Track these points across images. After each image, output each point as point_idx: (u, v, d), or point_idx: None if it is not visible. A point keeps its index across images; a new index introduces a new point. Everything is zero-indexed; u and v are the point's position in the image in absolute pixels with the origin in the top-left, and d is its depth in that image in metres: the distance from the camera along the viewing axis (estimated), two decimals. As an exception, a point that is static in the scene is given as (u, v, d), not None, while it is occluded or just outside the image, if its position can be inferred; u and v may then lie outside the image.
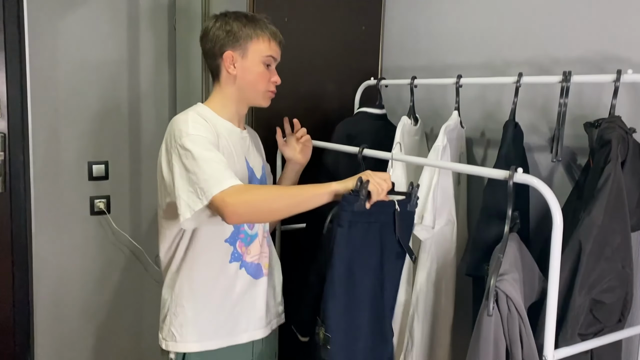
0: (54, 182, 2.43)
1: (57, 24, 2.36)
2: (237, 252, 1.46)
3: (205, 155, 1.30)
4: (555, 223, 1.05)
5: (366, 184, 1.26)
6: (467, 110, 1.85)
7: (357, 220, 1.29)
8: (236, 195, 1.26)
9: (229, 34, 1.44)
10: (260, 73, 1.47)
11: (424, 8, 2.05)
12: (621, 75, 1.29)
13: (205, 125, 1.39)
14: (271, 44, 1.47)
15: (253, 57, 1.45)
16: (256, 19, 1.48)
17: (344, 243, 1.29)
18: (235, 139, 1.49)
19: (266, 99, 1.52)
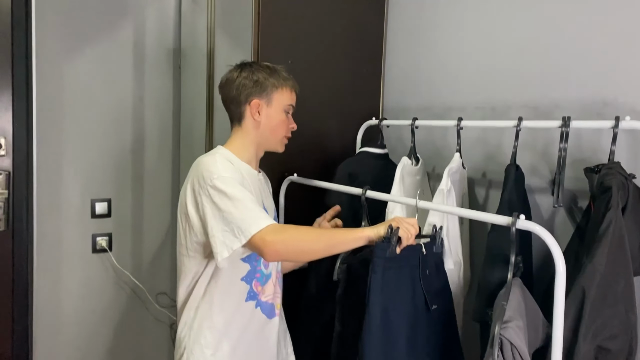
0: (57, 219, 2.43)
1: (64, 65, 2.41)
2: (253, 291, 1.50)
3: (239, 196, 1.37)
4: (558, 270, 1.06)
5: (396, 231, 1.33)
6: (468, 152, 1.87)
7: (389, 266, 1.35)
8: (276, 234, 1.33)
9: (256, 84, 1.54)
10: (282, 120, 1.58)
11: (424, 51, 2.10)
12: (619, 121, 1.31)
13: (232, 167, 1.46)
14: (292, 93, 1.60)
15: (277, 106, 1.56)
16: (277, 70, 1.59)
17: (379, 289, 1.33)
18: (255, 181, 1.55)
19: (282, 145, 1.63)
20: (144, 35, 2.57)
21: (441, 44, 2.03)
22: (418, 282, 1.40)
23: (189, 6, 2.53)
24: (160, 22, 2.59)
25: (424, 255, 1.41)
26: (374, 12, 2.22)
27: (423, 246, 1.42)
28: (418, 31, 2.12)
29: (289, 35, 2.02)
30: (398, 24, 2.22)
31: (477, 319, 1.41)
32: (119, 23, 2.50)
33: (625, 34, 1.46)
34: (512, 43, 1.77)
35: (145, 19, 2.56)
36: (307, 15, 2.06)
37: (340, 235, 1.41)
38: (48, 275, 2.42)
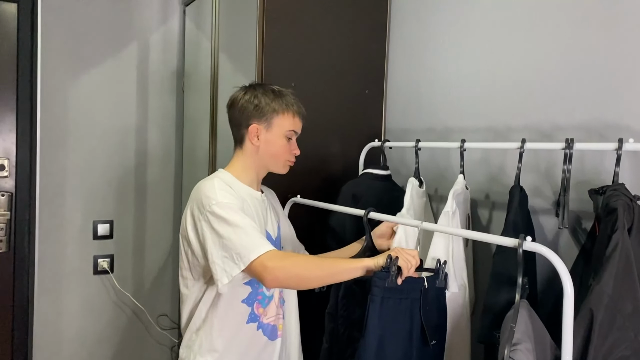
0: (59, 241, 2.43)
1: (69, 87, 2.43)
2: (254, 313, 1.49)
3: (238, 222, 1.37)
4: (566, 292, 1.06)
5: (396, 260, 1.33)
6: (471, 173, 1.88)
7: (389, 296, 1.35)
8: (276, 260, 1.34)
9: (256, 108, 1.52)
10: (282, 146, 1.55)
11: (425, 73, 2.12)
12: (623, 143, 1.32)
13: (231, 191, 1.46)
14: (295, 119, 1.56)
15: (277, 131, 1.54)
16: (283, 94, 1.56)
17: (376, 317, 1.33)
18: (256, 203, 1.55)
19: (285, 168, 1.60)
20: (148, 58, 2.60)
21: (442, 66, 2.05)
22: (418, 315, 1.40)
23: (193, 31, 2.56)
24: (164, 46, 2.63)
25: (425, 289, 1.41)
26: (375, 35, 2.25)
27: (425, 280, 1.41)
28: (419, 53, 2.15)
29: (292, 58, 2.04)
30: (399, 47, 2.25)
31: (483, 340, 1.40)
32: (123, 47, 2.54)
33: (626, 56, 1.48)
34: (513, 65, 1.79)
35: (150, 43, 2.60)
36: (310, 39, 2.08)
37: (340, 265, 1.40)
38: (49, 297, 2.42)
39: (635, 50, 1.46)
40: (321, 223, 1.94)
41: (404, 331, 1.37)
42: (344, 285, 1.54)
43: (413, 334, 1.40)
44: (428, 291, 1.45)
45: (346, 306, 1.52)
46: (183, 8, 2.64)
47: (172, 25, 2.64)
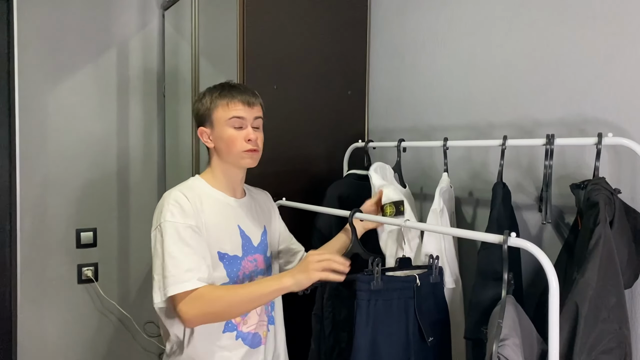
0: (41, 250, 2.40)
1: (47, 95, 2.40)
2: (231, 322, 1.46)
3: (173, 248, 1.35)
4: (551, 287, 1.07)
5: (378, 262, 1.33)
6: (454, 171, 1.89)
7: (376, 298, 1.35)
8: (189, 303, 1.32)
9: (197, 113, 1.52)
10: (230, 136, 1.47)
11: (407, 72, 2.13)
12: (602, 138, 1.34)
13: (186, 205, 1.41)
14: (230, 105, 1.47)
15: (218, 125, 1.48)
16: (220, 86, 1.52)
17: (364, 323, 1.34)
18: (226, 209, 1.51)
19: (246, 159, 1.49)
20: (127, 63, 2.58)
21: (423, 65, 2.06)
22: (413, 313, 1.40)
23: (173, 35, 2.54)
24: (143, 50, 2.61)
25: (419, 286, 1.41)
26: (356, 36, 2.26)
27: (417, 277, 1.41)
28: (400, 53, 2.16)
29: (273, 61, 2.04)
30: (380, 47, 2.26)
31: (470, 336, 1.41)
32: (102, 52, 2.51)
33: (603, 52, 1.50)
34: (493, 62, 1.80)
35: (129, 48, 2.57)
36: (290, 41, 2.08)
37: (258, 290, 1.35)
38: (33, 308, 2.38)
39: (612, 46, 1.48)
40: (308, 225, 1.94)
41: (400, 331, 1.38)
42: (329, 286, 1.54)
43: (410, 333, 1.40)
44: (421, 288, 1.45)
45: (332, 307, 1.52)
46: (162, 12, 2.63)
47: (151, 29, 2.62)
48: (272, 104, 2.02)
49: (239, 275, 1.48)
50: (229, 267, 1.46)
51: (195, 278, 1.34)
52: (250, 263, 1.52)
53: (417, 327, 1.42)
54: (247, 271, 1.50)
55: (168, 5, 2.55)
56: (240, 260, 1.49)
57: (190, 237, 1.38)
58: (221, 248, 1.46)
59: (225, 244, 1.46)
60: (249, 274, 1.51)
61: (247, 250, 1.52)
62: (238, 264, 1.48)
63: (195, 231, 1.39)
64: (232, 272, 1.46)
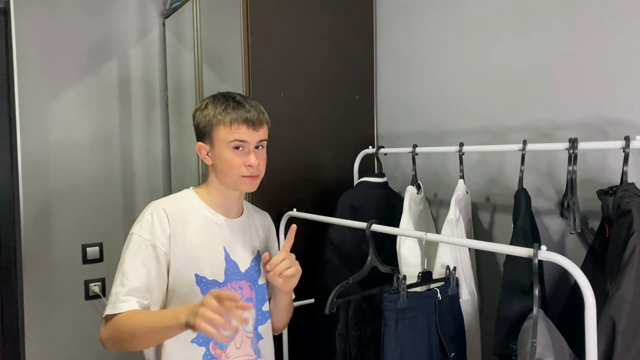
0: (47, 267, 2.35)
1: (48, 107, 2.35)
2: (210, 354, 1.35)
3: (126, 265, 1.30)
4: (587, 303, 1.01)
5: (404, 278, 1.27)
6: (469, 176, 1.84)
7: (402, 317, 1.30)
8: (106, 325, 1.28)
9: (198, 126, 1.40)
10: (228, 160, 1.36)
11: (416, 75, 2.08)
12: (630, 141, 1.28)
13: (160, 223, 1.33)
14: (233, 127, 1.34)
15: (218, 145, 1.36)
16: (225, 100, 1.38)
17: (393, 343, 1.29)
18: (212, 228, 1.41)
19: (244, 184, 1.38)
20: (129, 73, 2.53)
21: (432, 67, 2.01)
22: (434, 329, 1.36)
23: (174, 43, 2.49)
24: (145, 60, 2.56)
25: (439, 300, 1.37)
26: (362, 39, 2.21)
27: (438, 291, 1.37)
28: (408, 55, 2.11)
29: (279, 68, 1.99)
30: (387, 50, 2.20)
31: (498, 352, 1.36)
32: (103, 62, 2.47)
33: (624, 48, 1.45)
34: (507, 62, 1.75)
35: (130, 58, 2.53)
36: (296, 47, 2.03)
37: (157, 322, 1.24)
38: (40, 325, 2.34)
39: (634, 42, 1.43)
40: (319, 236, 1.89)
41: (423, 349, 1.33)
42: (353, 304, 1.48)
43: (432, 350, 1.36)
44: (441, 302, 1.41)
45: (357, 325, 1.47)
46: (162, 20, 2.57)
47: (152, 38, 2.57)
48: (279, 111, 1.97)
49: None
50: (206, 293, 1.29)
51: (134, 300, 1.26)
52: (234, 290, 1.39)
53: (438, 343, 1.37)
54: None
55: (168, 14, 2.49)
56: (221, 285, 1.37)
57: (148, 257, 1.30)
58: (199, 271, 1.35)
59: (204, 268, 1.35)
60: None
61: (231, 276, 1.40)
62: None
63: (157, 254, 1.31)
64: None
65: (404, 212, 1.67)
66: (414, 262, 1.58)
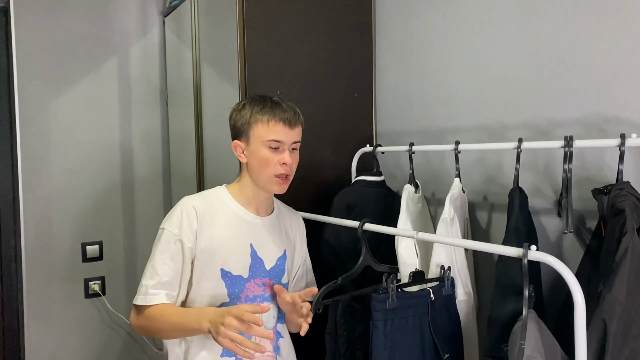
0: (47, 265, 2.36)
1: (48, 107, 2.36)
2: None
3: (156, 259, 1.37)
4: (576, 304, 0.99)
5: (392, 279, 1.26)
6: (467, 174, 1.82)
7: (392, 317, 1.29)
8: (138, 314, 1.37)
9: (235, 124, 1.45)
10: (264, 158, 1.40)
11: (415, 73, 2.05)
12: (625, 139, 1.25)
13: (189, 219, 1.38)
14: (270, 126, 1.39)
15: (255, 143, 1.41)
16: (263, 100, 1.44)
17: (382, 344, 1.27)
18: (241, 225, 1.44)
19: (275, 185, 1.42)
20: (129, 72, 2.53)
21: (432, 64, 1.98)
22: (428, 330, 1.33)
23: (174, 42, 2.49)
24: (145, 58, 2.56)
25: (432, 300, 1.34)
26: (361, 37, 2.18)
27: (431, 292, 1.35)
28: (407, 53, 2.08)
29: (277, 65, 1.97)
30: (386, 47, 2.18)
31: (491, 354, 1.33)
32: (103, 62, 2.47)
33: (623, 45, 1.42)
34: (505, 60, 1.72)
35: (130, 56, 2.52)
36: (293, 44, 2.01)
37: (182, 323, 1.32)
38: (40, 324, 2.34)
39: (633, 39, 1.40)
40: (316, 235, 1.87)
41: (416, 349, 1.31)
42: (342, 303, 1.47)
43: (425, 351, 1.34)
44: (435, 302, 1.39)
45: (346, 325, 1.45)
46: (162, 19, 2.57)
47: (152, 37, 2.57)
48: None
49: (241, 298, 1.40)
50: (231, 287, 1.39)
51: (164, 294, 1.35)
52: (258, 287, 1.43)
53: (432, 344, 1.35)
54: (251, 294, 1.42)
55: (168, 12, 2.49)
56: (245, 281, 1.41)
57: (177, 252, 1.37)
58: (224, 265, 1.39)
59: (230, 262, 1.40)
60: (253, 297, 1.42)
61: (256, 273, 1.43)
62: (242, 285, 1.40)
63: (184, 249, 1.37)
64: (234, 293, 1.39)
65: (401, 211, 1.65)
66: (411, 262, 1.56)
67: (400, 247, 1.56)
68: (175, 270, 1.36)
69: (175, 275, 1.37)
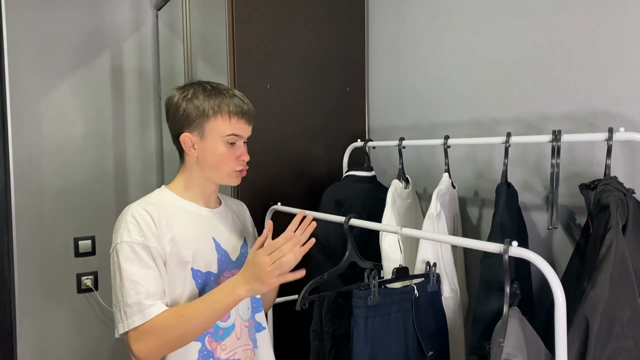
0: (39, 260, 2.35)
1: (40, 101, 2.34)
2: (206, 349, 1.31)
3: (131, 272, 1.21)
4: (557, 301, 0.97)
5: (375, 275, 1.23)
6: (458, 169, 1.80)
7: (374, 314, 1.26)
8: (142, 339, 1.19)
9: (184, 114, 1.31)
10: (222, 154, 1.31)
11: (408, 68, 2.03)
12: (613, 133, 1.23)
13: (145, 223, 1.26)
14: (232, 121, 1.31)
15: (212, 138, 1.31)
16: (218, 92, 1.32)
17: (363, 341, 1.25)
18: (197, 220, 1.36)
19: (232, 178, 1.35)
20: (122, 65, 2.51)
21: (425, 60, 1.96)
22: (411, 327, 1.31)
23: (167, 35, 2.47)
24: (138, 52, 2.54)
25: (417, 297, 1.32)
26: (354, 31, 2.16)
27: (415, 288, 1.32)
28: (400, 47, 2.06)
29: (267, 59, 1.95)
30: (379, 41, 2.16)
31: (474, 352, 1.31)
32: (96, 55, 2.45)
33: (613, 40, 1.39)
34: (497, 55, 1.70)
35: (123, 50, 2.51)
36: (285, 38, 1.99)
37: (212, 307, 1.20)
38: (32, 319, 2.34)
39: (623, 33, 1.37)
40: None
41: (399, 347, 1.29)
42: (328, 300, 1.45)
43: (409, 347, 1.32)
44: (419, 299, 1.37)
45: (331, 322, 1.43)
46: (155, 12, 2.55)
47: (145, 30, 2.55)
48: (267, 104, 1.94)
49: None
50: (201, 286, 1.32)
51: (160, 302, 1.21)
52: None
53: (416, 341, 1.33)
54: None
55: (161, 5, 2.47)
56: (215, 277, 1.34)
57: (150, 259, 1.24)
58: (194, 265, 1.31)
59: (198, 260, 1.31)
60: None
61: (224, 266, 1.37)
62: (212, 281, 1.34)
63: (153, 254, 1.25)
64: (204, 291, 1.31)
65: (386, 206, 1.63)
66: (395, 257, 1.53)
67: (384, 243, 1.54)
68: (156, 278, 1.24)
69: (159, 283, 1.24)
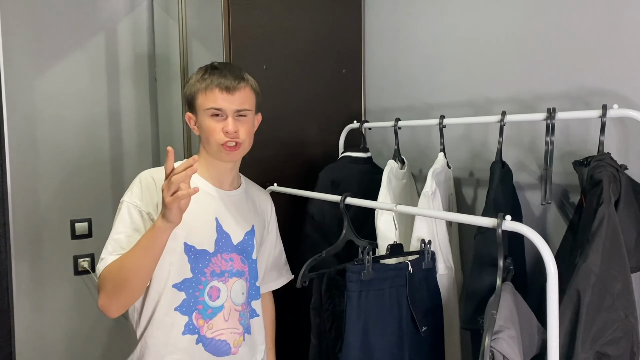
0: (35, 242, 2.35)
1: (35, 83, 2.33)
2: (193, 324, 1.33)
3: (119, 231, 1.31)
4: (549, 273, 0.98)
5: (369, 249, 1.24)
6: (453, 150, 1.80)
7: (367, 289, 1.27)
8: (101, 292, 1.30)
9: (185, 96, 1.41)
10: (207, 128, 1.35)
11: (404, 48, 2.03)
12: (607, 110, 1.24)
13: (148, 189, 1.34)
14: (208, 93, 1.34)
15: (200, 113, 1.36)
16: (205, 69, 1.38)
17: (355, 314, 1.26)
18: (204, 198, 1.37)
19: (222, 153, 1.36)
20: (117, 48, 2.49)
21: (420, 40, 1.96)
22: (405, 302, 1.32)
23: (162, 16, 2.45)
24: (133, 33, 2.52)
25: (411, 274, 1.33)
26: (350, 12, 2.15)
27: (410, 264, 1.33)
28: (396, 28, 2.05)
29: (263, 40, 1.95)
30: (375, 22, 2.15)
31: (467, 326, 1.33)
32: (90, 37, 2.43)
33: (607, 18, 1.39)
34: (492, 36, 1.70)
35: (118, 32, 2.49)
36: (281, 19, 1.98)
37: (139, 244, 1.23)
38: (29, 301, 2.34)
39: (616, 12, 1.37)
40: (301, 212, 1.86)
41: (393, 322, 1.31)
42: (327, 278, 1.46)
43: (403, 323, 1.33)
44: (414, 275, 1.38)
45: (331, 299, 1.44)
46: (151, -7, 2.54)
47: (141, 11, 2.53)
48: (262, 85, 1.90)
49: (206, 273, 1.34)
50: (194, 262, 1.33)
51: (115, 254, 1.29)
52: (225, 262, 1.38)
53: (410, 317, 1.34)
54: (217, 269, 1.36)
55: (156, -14, 2.45)
56: (210, 256, 1.35)
57: (141, 224, 1.31)
58: (188, 240, 1.33)
59: (194, 236, 1.34)
60: (220, 272, 1.36)
61: (222, 247, 1.38)
62: (207, 259, 1.35)
63: (145, 219, 1.32)
64: (197, 268, 1.33)
65: (382, 185, 1.63)
66: (389, 235, 1.55)
67: (380, 222, 1.55)
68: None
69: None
